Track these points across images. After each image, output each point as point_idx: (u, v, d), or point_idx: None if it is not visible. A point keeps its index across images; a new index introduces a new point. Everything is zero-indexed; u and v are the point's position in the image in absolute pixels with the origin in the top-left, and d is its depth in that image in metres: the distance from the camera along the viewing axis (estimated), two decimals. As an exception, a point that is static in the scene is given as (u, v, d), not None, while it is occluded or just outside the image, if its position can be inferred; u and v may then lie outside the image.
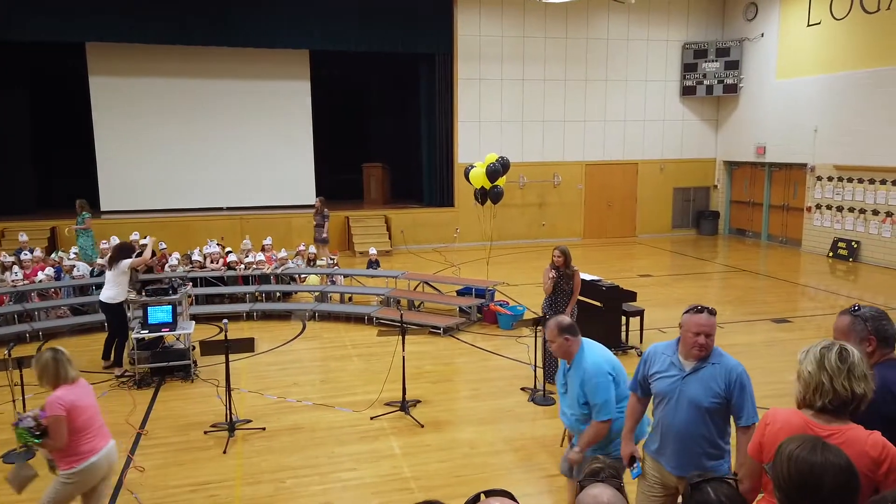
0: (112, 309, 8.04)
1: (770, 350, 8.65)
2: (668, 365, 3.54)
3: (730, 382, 3.37)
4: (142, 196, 16.43)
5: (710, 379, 3.40)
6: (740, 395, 3.37)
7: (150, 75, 16.31)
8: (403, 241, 16.76)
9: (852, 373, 2.34)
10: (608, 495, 1.87)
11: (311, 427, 6.47)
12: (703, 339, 3.37)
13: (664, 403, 3.55)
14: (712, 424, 3.43)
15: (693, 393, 3.41)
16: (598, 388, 3.98)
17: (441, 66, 16.96)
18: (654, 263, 15.07)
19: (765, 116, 17.17)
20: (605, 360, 4.12)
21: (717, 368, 3.41)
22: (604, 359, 4.13)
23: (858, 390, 2.33)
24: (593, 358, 4.09)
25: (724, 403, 3.40)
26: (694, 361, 3.45)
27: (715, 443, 3.47)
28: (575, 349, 4.17)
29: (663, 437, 3.58)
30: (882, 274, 13.50)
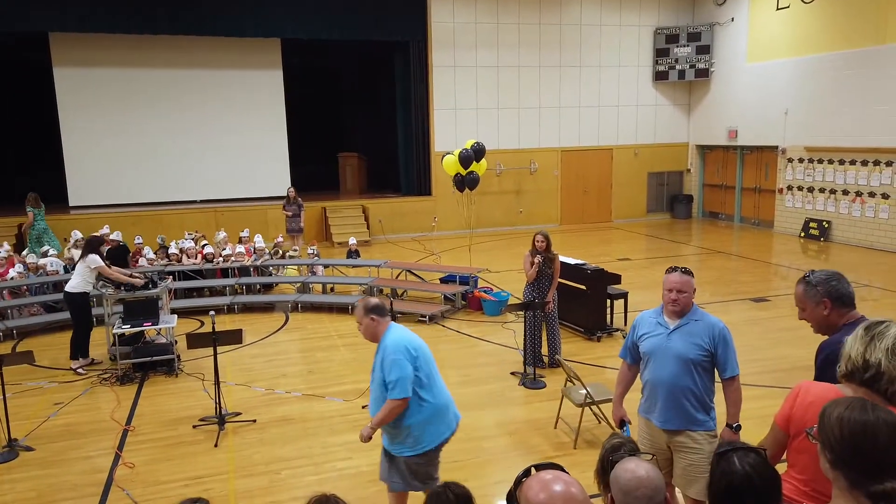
0: (72, 299, 7.89)
1: (752, 329, 8.80)
2: (654, 325, 3.76)
3: (714, 337, 3.61)
4: (112, 190, 16.04)
5: (694, 334, 3.63)
6: (724, 349, 3.62)
7: (118, 66, 15.89)
8: (382, 231, 16.66)
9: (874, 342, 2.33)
10: (645, 469, 1.87)
11: (303, 418, 6.40)
12: (676, 295, 3.63)
13: (652, 361, 3.74)
14: (698, 378, 3.63)
15: (679, 347, 3.63)
16: (393, 365, 3.85)
17: (415, 53, 16.83)
18: (632, 247, 15.23)
19: (736, 100, 17.41)
20: (408, 341, 3.97)
21: (700, 324, 3.65)
22: (406, 339, 3.98)
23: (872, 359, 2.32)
24: (394, 337, 3.96)
25: (708, 357, 3.62)
26: (677, 319, 3.68)
27: (701, 398, 3.66)
28: (382, 330, 4.02)
29: (651, 394, 3.77)
30: (852, 252, 13.82)
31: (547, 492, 1.53)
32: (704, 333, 3.61)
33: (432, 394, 3.98)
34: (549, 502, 1.51)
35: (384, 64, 18.29)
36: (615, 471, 1.95)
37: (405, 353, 3.88)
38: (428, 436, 3.97)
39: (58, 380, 7.66)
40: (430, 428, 3.97)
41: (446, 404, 4.08)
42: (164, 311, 8.25)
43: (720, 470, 2.03)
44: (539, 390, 6.92)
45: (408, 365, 3.87)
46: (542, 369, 7.41)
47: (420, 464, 4.01)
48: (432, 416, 3.96)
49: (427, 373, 3.97)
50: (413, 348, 3.94)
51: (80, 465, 5.61)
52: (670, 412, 3.67)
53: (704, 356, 3.61)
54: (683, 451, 3.66)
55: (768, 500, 1.94)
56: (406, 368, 3.85)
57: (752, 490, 1.95)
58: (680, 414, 3.65)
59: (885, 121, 13.52)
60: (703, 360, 3.62)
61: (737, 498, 1.96)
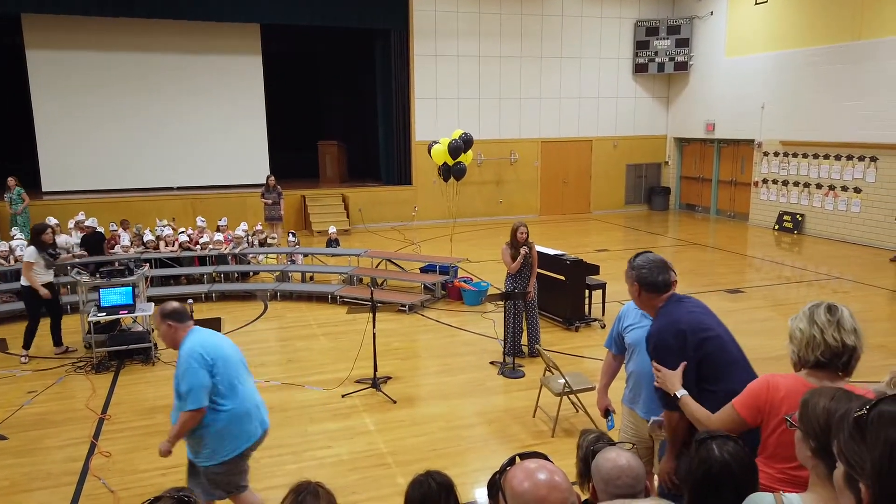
0: (22, 292, 7.76)
1: (725, 319, 8.87)
2: (640, 317, 3.76)
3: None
4: (86, 176, 15.76)
5: None
6: None
7: (93, 49, 15.57)
8: (362, 220, 16.60)
9: (842, 325, 2.45)
10: (626, 458, 1.91)
11: (282, 406, 6.39)
12: None
13: (637, 352, 3.75)
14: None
15: None
16: (185, 375, 3.66)
17: (396, 41, 16.73)
18: (610, 238, 15.36)
19: (714, 94, 17.58)
20: (205, 346, 3.75)
21: None
22: (203, 346, 3.76)
23: (849, 342, 2.44)
24: (190, 344, 3.75)
25: None
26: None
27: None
28: (181, 336, 3.81)
29: (636, 385, 3.78)
30: (825, 245, 14.09)
31: (531, 480, 1.55)
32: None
33: (234, 401, 3.80)
34: (532, 490, 1.53)
35: (365, 52, 18.16)
36: (597, 460, 1.99)
37: (199, 360, 3.67)
38: (227, 445, 3.80)
39: (32, 367, 7.55)
40: (229, 437, 3.80)
41: (249, 412, 3.89)
42: (140, 298, 8.15)
43: (699, 457, 2.08)
44: (518, 379, 6.98)
45: (201, 373, 3.66)
46: (522, 359, 7.47)
47: (220, 473, 3.86)
48: (230, 424, 3.79)
49: (228, 379, 3.77)
50: (209, 354, 3.72)
51: (55, 454, 5.55)
52: (654, 403, 3.60)
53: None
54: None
55: (746, 487, 1.99)
56: (199, 377, 3.65)
57: (730, 477, 2.00)
58: None
59: (858, 116, 13.76)
60: None
61: (715, 485, 2.01)
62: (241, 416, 3.84)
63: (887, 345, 7.88)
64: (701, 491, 2.04)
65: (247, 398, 3.90)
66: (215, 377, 3.72)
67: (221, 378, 3.75)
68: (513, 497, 1.56)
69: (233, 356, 3.92)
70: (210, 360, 3.72)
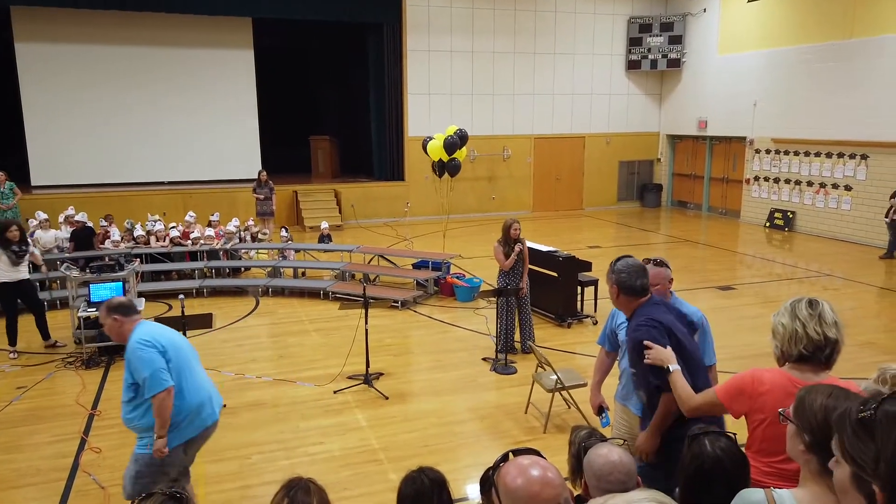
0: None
1: (717, 316, 8.96)
2: None
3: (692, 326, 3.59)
4: (76, 170, 15.64)
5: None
6: (702, 339, 3.64)
7: (83, 42, 15.44)
8: (354, 216, 16.57)
9: (823, 319, 2.50)
10: (618, 454, 1.91)
11: (274, 402, 6.37)
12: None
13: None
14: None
15: None
16: (141, 361, 3.63)
17: (389, 36, 16.67)
18: (602, 235, 15.39)
19: (707, 91, 17.63)
20: (153, 335, 3.73)
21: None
22: (151, 334, 3.74)
23: (830, 335, 2.49)
24: (139, 334, 3.73)
25: None
26: None
27: None
28: (128, 329, 3.77)
29: (629, 382, 3.78)
30: (815, 242, 14.17)
31: (524, 476, 1.55)
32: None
33: (186, 388, 3.77)
34: (526, 487, 1.53)
35: (358, 46, 18.09)
36: (588, 456, 1.99)
37: (151, 345, 3.66)
38: (169, 435, 3.74)
39: (21, 363, 7.50)
40: (172, 427, 3.74)
41: (198, 403, 3.83)
42: (131, 294, 8.10)
43: (691, 453, 2.08)
44: (510, 376, 6.98)
45: (156, 356, 3.65)
46: (514, 355, 7.48)
47: (151, 465, 3.77)
48: (176, 415, 3.73)
49: (178, 368, 3.74)
50: (159, 342, 3.71)
51: (45, 450, 5.52)
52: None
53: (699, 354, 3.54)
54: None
55: (738, 482, 2.00)
56: (155, 360, 3.64)
57: (722, 473, 2.01)
58: None
59: (850, 114, 13.83)
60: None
61: (707, 480, 2.02)
62: (187, 408, 3.78)
63: (876, 342, 7.93)
64: (693, 486, 2.05)
65: (197, 390, 3.84)
66: (170, 363, 3.70)
67: (172, 366, 3.72)
68: (506, 493, 1.56)
69: (184, 346, 3.89)
70: (161, 346, 3.69)
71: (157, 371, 3.63)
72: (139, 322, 3.83)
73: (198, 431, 3.88)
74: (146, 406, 3.72)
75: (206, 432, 3.94)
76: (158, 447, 3.72)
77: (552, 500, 1.52)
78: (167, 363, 3.70)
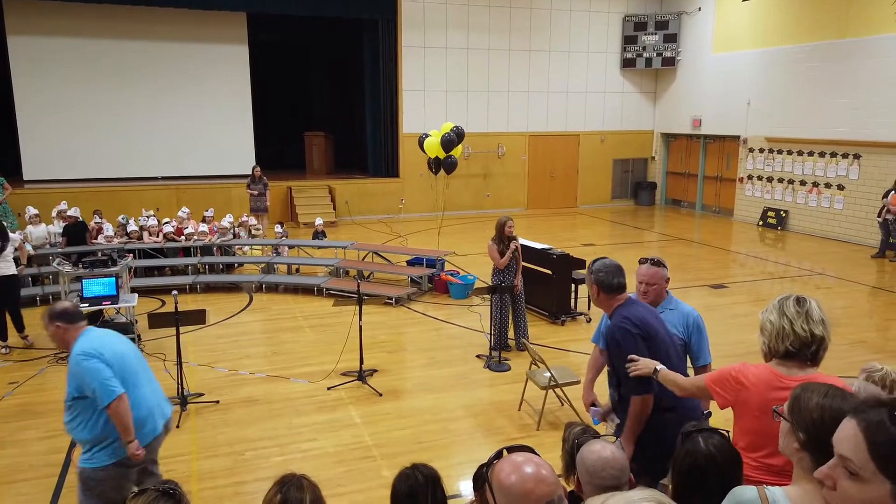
0: None
1: (709, 314, 8.97)
2: None
3: (688, 326, 3.68)
4: (69, 164, 15.55)
5: (668, 323, 3.63)
6: (698, 338, 3.69)
7: (77, 36, 15.35)
8: (348, 212, 16.54)
9: (810, 316, 2.56)
10: (611, 450, 1.92)
11: (267, 399, 6.37)
12: (645, 287, 3.71)
13: None
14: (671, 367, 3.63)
15: None
16: (87, 373, 3.48)
17: (385, 32, 16.63)
18: (596, 233, 15.43)
19: (701, 89, 17.67)
20: (96, 346, 3.58)
21: (674, 314, 3.70)
22: (95, 345, 3.58)
23: (817, 332, 2.54)
24: (82, 344, 3.58)
25: (682, 346, 3.66)
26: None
27: None
28: (73, 337, 3.61)
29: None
30: (807, 241, 14.24)
31: (518, 473, 1.56)
32: (678, 322, 3.67)
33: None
34: (519, 484, 1.54)
35: (353, 42, 18.05)
36: (581, 452, 2.00)
37: (95, 355, 3.52)
38: (108, 450, 3.60)
39: (13, 359, 7.47)
40: (110, 442, 3.60)
41: (139, 418, 3.66)
42: (124, 289, 8.08)
43: (684, 450, 2.10)
44: (504, 373, 7.00)
45: (101, 366, 3.50)
46: (508, 352, 7.49)
47: (95, 480, 3.62)
48: (114, 429, 3.57)
49: (122, 379, 3.59)
50: (102, 352, 3.56)
51: (37, 446, 5.50)
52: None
53: (678, 345, 3.62)
54: None
55: (731, 479, 2.01)
56: (101, 370, 3.49)
57: (715, 469, 2.02)
58: None
59: (843, 114, 13.89)
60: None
61: (701, 477, 2.04)
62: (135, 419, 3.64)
63: (868, 340, 7.99)
64: (687, 482, 2.06)
65: (137, 406, 3.65)
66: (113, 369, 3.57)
67: (116, 370, 3.58)
68: (500, 490, 1.57)
69: (129, 357, 3.74)
70: (104, 357, 3.55)
71: (104, 381, 3.48)
72: (84, 330, 3.67)
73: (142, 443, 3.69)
74: (84, 419, 3.58)
75: (147, 449, 3.73)
76: (132, 451, 3.58)
77: (546, 497, 1.53)
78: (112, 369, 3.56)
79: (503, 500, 1.56)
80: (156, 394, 3.88)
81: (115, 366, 3.58)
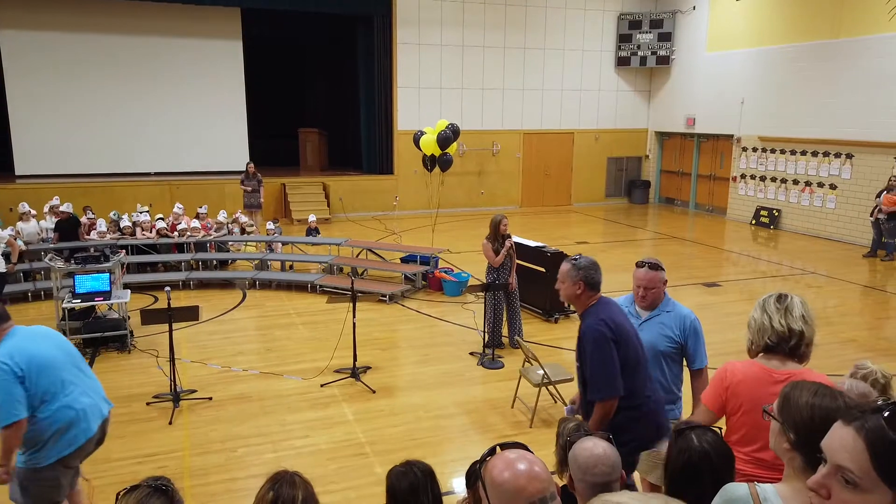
0: None
1: (702, 313, 8.97)
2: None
3: (684, 329, 3.66)
4: (62, 160, 15.47)
5: (664, 325, 3.67)
6: (694, 341, 3.67)
7: (69, 30, 15.25)
8: (342, 209, 16.51)
9: (790, 312, 2.66)
10: (603, 447, 1.92)
11: (260, 396, 6.36)
12: (644, 292, 3.68)
13: None
14: (667, 369, 3.70)
15: (649, 338, 3.65)
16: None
17: (379, 29, 16.59)
18: (590, 231, 15.45)
19: (695, 88, 17.71)
20: (13, 357, 3.40)
21: (670, 316, 3.69)
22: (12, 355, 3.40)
23: (795, 327, 2.65)
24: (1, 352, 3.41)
25: (678, 348, 3.67)
26: (648, 311, 3.71)
27: (668, 388, 3.73)
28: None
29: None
30: (800, 240, 14.30)
31: (511, 470, 1.56)
32: (675, 325, 3.65)
33: (50, 409, 3.51)
34: (512, 480, 1.54)
35: (348, 38, 18.00)
36: (573, 450, 2.00)
37: (10, 368, 3.35)
38: (43, 452, 3.52)
39: None
40: (44, 445, 3.52)
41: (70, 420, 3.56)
42: (116, 285, 8.04)
43: (678, 447, 2.11)
44: (497, 370, 7.01)
45: (11, 385, 3.34)
46: (501, 349, 7.50)
47: (32, 480, 3.55)
48: (42, 433, 3.49)
49: (43, 389, 3.46)
50: (20, 364, 3.38)
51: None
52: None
53: (674, 348, 3.66)
54: None
55: (724, 476, 2.03)
56: (9, 390, 3.33)
57: (709, 466, 2.04)
58: None
59: (835, 113, 13.95)
60: (672, 352, 3.67)
61: (695, 474, 2.05)
62: (59, 425, 3.54)
63: (858, 339, 8.04)
64: (681, 479, 2.07)
65: (70, 404, 3.57)
66: (28, 390, 3.41)
67: (35, 390, 3.44)
68: (493, 487, 1.57)
69: (55, 360, 3.57)
70: (21, 370, 3.39)
71: (10, 403, 3.33)
72: (8, 332, 3.50)
73: (71, 449, 3.62)
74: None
75: (80, 451, 3.68)
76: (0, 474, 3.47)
77: (538, 493, 1.53)
78: (26, 390, 3.41)
79: (496, 496, 1.56)
80: (91, 393, 3.75)
81: (31, 376, 3.42)
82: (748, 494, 1.85)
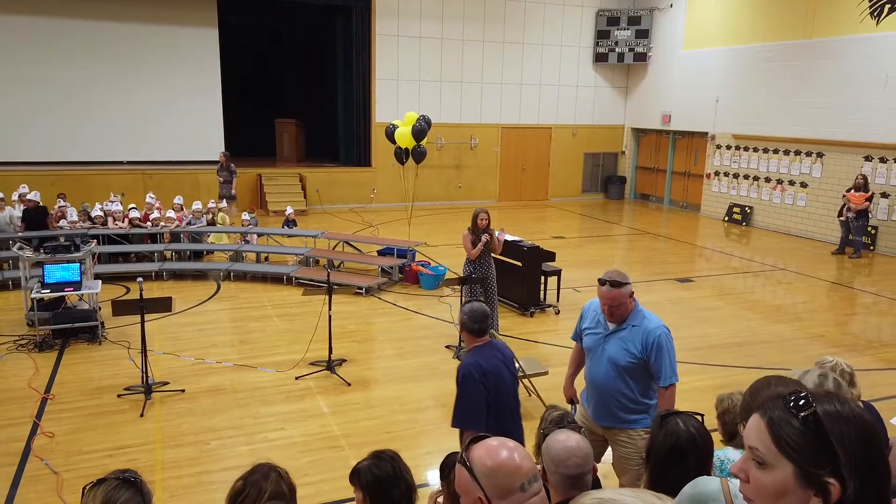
0: None
1: (675, 307, 9.18)
2: (595, 322, 3.74)
3: (647, 345, 3.51)
4: (31, 147, 15.10)
5: (627, 340, 3.56)
6: (658, 358, 3.51)
7: (38, 14, 14.88)
8: (319, 201, 16.40)
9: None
10: (576, 439, 1.95)
11: (234, 388, 6.31)
12: (608, 308, 3.58)
13: (589, 358, 3.79)
14: (632, 382, 3.60)
15: (612, 352, 3.60)
16: None
17: (358, 20, 16.47)
18: (566, 226, 15.55)
19: (671, 86, 17.88)
20: None
21: (635, 331, 3.56)
22: None
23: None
24: None
25: (640, 364, 3.55)
26: (615, 323, 3.62)
27: (635, 400, 3.63)
28: None
29: (588, 388, 3.84)
30: (771, 237, 14.56)
31: (505, 450, 1.57)
32: (637, 340, 3.52)
33: None
34: (509, 461, 1.55)
35: (326, 29, 17.85)
36: (547, 442, 2.02)
37: None
38: None
39: (-31, 346, 7.27)
40: None
41: None
42: (87, 275, 7.91)
43: (664, 431, 2.14)
44: (473, 363, 7.02)
45: None
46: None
47: None
48: None
49: None
50: None
51: (-5, 435, 5.37)
52: (601, 410, 3.69)
53: (635, 363, 3.54)
54: (617, 444, 3.70)
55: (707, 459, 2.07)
56: None
57: (695, 450, 2.08)
58: (611, 414, 3.66)
59: (807, 112, 14.19)
60: (633, 367, 3.55)
61: (681, 457, 2.09)
62: None
63: (826, 335, 8.21)
64: (666, 461, 2.11)
65: None
66: None
67: None
68: (488, 472, 1.55)
69: None
70: None
71: None
72: None
73: None
74: None
75: None
76: None
77: (532, 471, 1.55)
78: None
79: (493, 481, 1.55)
80: None
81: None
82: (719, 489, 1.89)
